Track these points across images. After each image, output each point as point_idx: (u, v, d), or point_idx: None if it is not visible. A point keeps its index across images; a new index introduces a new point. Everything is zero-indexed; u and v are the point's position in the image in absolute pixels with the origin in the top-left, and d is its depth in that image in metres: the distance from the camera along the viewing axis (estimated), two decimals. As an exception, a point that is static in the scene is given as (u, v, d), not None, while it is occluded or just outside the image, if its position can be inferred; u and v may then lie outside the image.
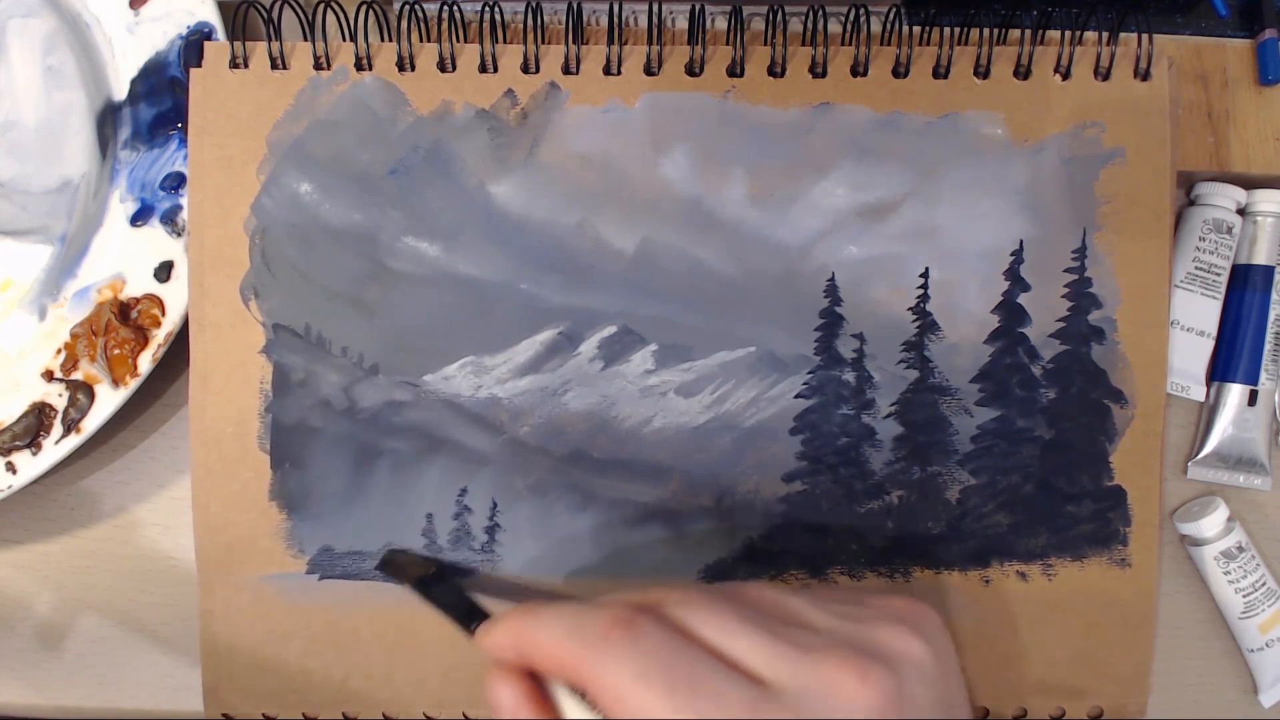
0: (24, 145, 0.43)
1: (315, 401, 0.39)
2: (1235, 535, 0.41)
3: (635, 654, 0.26)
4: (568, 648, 0.27)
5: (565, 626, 0.28)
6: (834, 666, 0.27)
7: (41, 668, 0.43)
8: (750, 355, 0.39)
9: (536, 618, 0.29)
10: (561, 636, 0.28)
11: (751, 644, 0.27)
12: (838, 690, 0.26)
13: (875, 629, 0.29)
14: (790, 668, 0.27)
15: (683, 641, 0.27)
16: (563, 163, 0.39)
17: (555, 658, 0.28)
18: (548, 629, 0.28)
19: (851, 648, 0.28)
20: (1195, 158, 0.43)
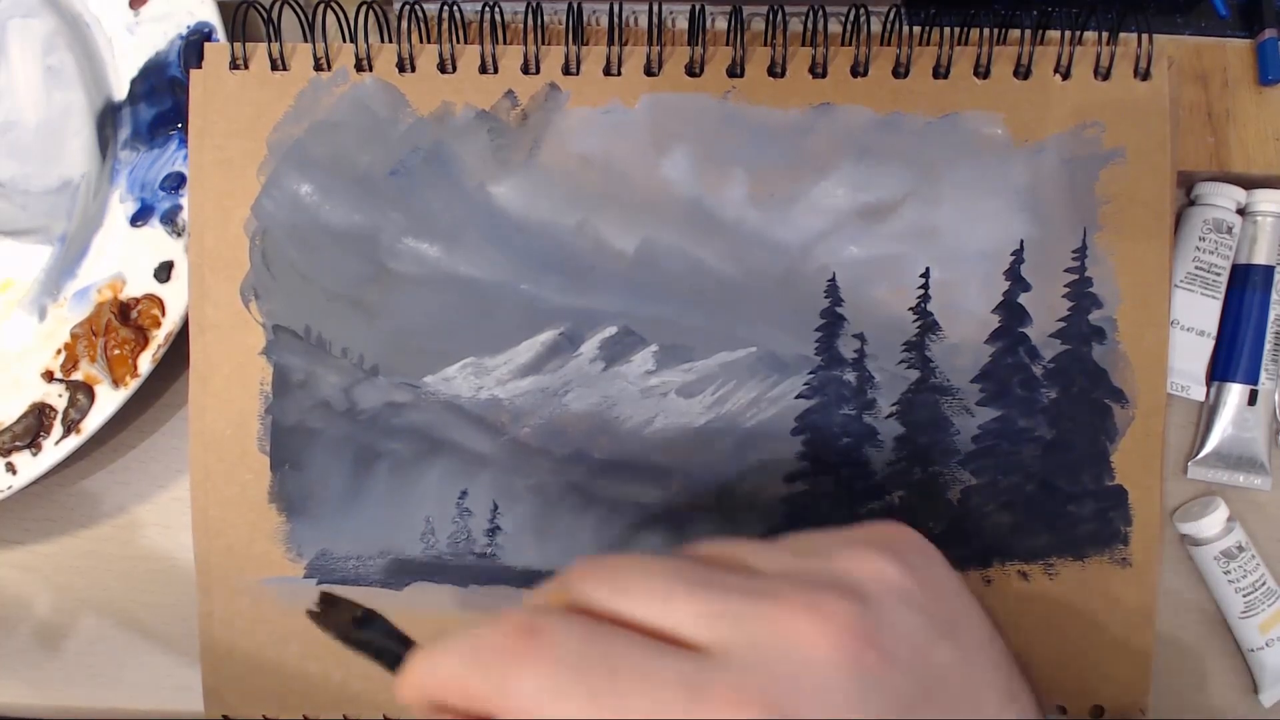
0: (24, 145, 0.43)
1: (315, 403, 0.39)
2: (1235, 535, 0.41)
3: (544, 665, 0.22)
4: (468, 679, 0.22)
5: (460, 655, 0.23)
6: (784, 609, 0.22)
7: (41, 668, 0.43)
8: (751, 356, 0.39)
9: (431, 656, 0.24)
10: (458, 668, 0.23)
11: (689, 605, 0.22)
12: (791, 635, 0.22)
13: (836, 559, 0.24)
14: (734, 623, 0.22)
15: (600, 633, 0.22)
16: (563, 163, 0.39)
17: (461, 694, 0.23)
18: (444, 664, 0.23)
19: (805, 584, 0.23)
20: (1195, 158, 0.43)
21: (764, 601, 0.22)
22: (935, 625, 0.23)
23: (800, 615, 0.22)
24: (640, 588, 0.23)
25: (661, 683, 0.21)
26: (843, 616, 0.22)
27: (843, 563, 0.24)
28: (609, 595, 0.23)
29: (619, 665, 0.21)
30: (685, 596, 0.23)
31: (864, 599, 0.23)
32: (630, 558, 0.24)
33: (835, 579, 0.23)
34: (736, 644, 0.22)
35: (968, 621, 0.25)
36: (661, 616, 0.23)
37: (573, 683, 0.21)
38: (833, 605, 0.22)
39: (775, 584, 0.23)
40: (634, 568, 0.24)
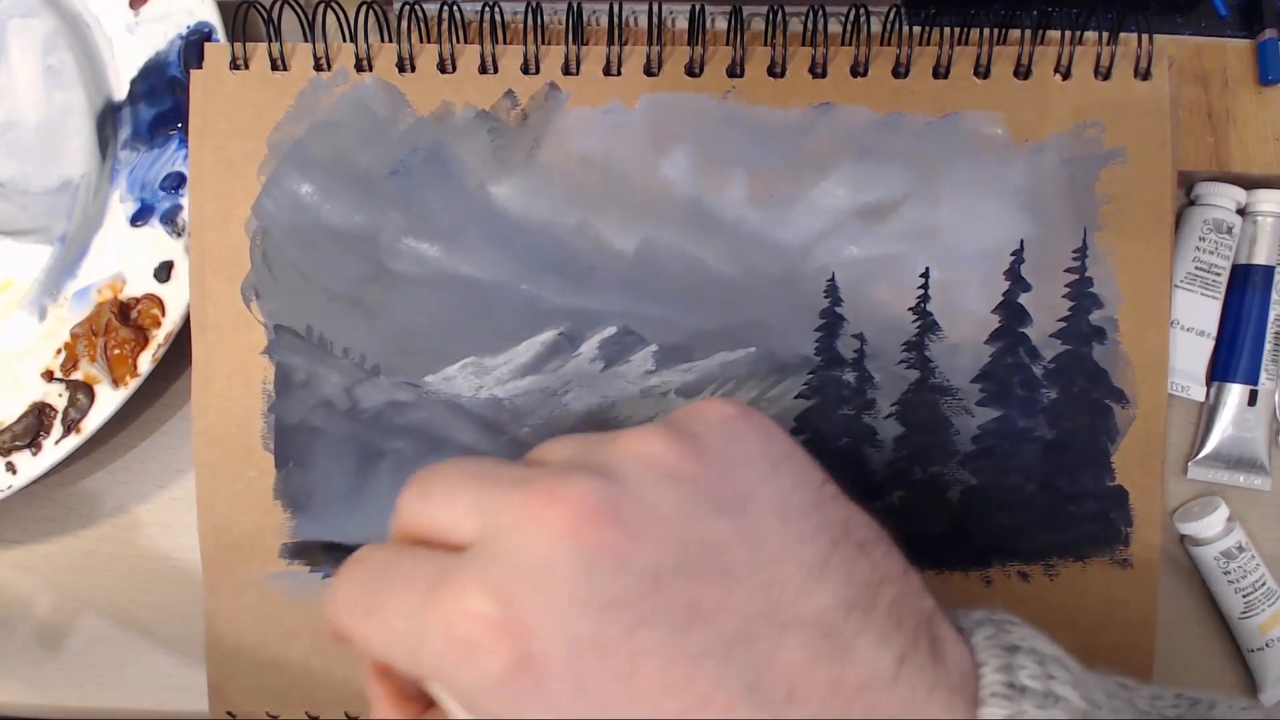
0: (24, 145, 0.43)
1: (317, 402, 0.39)
2: (1235, 535, 0.41)
3: (347, 585, 0.23)
4: (329, 613, 0.24)
5: (325, 593, 0.24)
6: (527, 496, 0.22)
7: (41, 668, 0.43)
8: (751, 356, 0.39)
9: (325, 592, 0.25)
10: (325, 604, 0.24)
11: (463, 502, 0.23)
12: (525, 522, 0.21)
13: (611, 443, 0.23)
14: (488, 515, 0.22)
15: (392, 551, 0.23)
16: (563, 164, 0.39)
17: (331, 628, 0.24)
18: (322, 603, 0.24)
19: (560, 470, 0.22)
20: (1195, 158, 0.43)
21: (517, 489, 0.22)
22: (708, 500, 0.22)
23: (541, 500, 0.21)
24: (437, 491, 0.24)
25: (414, 585, 0.22)
26: (579, 498, 0.21)
27: (616, 446, 0.23)
28: (417, 501, 0.24)
29: (394, 576, 0.22)
30: (466, 495, 0.23)
31: (613, 478, 0.22)
32: (446, 463, 0.24)
33: (593, 462, 0.23)
34: (488, 535, 0.22)
35: (770, 495, 0.23)
36: (446, 517, 0.23)
37: (363, 597, 0.23)
38: (571, 487, 0.21)
39: (538, 472, 0.23)
40: (437, 472, 0.24)
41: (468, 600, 0.20)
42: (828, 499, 0.24)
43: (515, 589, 0.20)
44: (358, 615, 0.23)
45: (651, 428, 0.23)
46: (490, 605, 0.20)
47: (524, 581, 0.21)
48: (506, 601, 0.20)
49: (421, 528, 0.24)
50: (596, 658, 0.20)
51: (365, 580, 0.23)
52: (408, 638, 0.21)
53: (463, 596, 0.21)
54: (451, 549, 0.23)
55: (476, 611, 0.20)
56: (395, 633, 0.22)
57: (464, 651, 0.20)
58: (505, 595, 0.20)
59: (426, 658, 0.21)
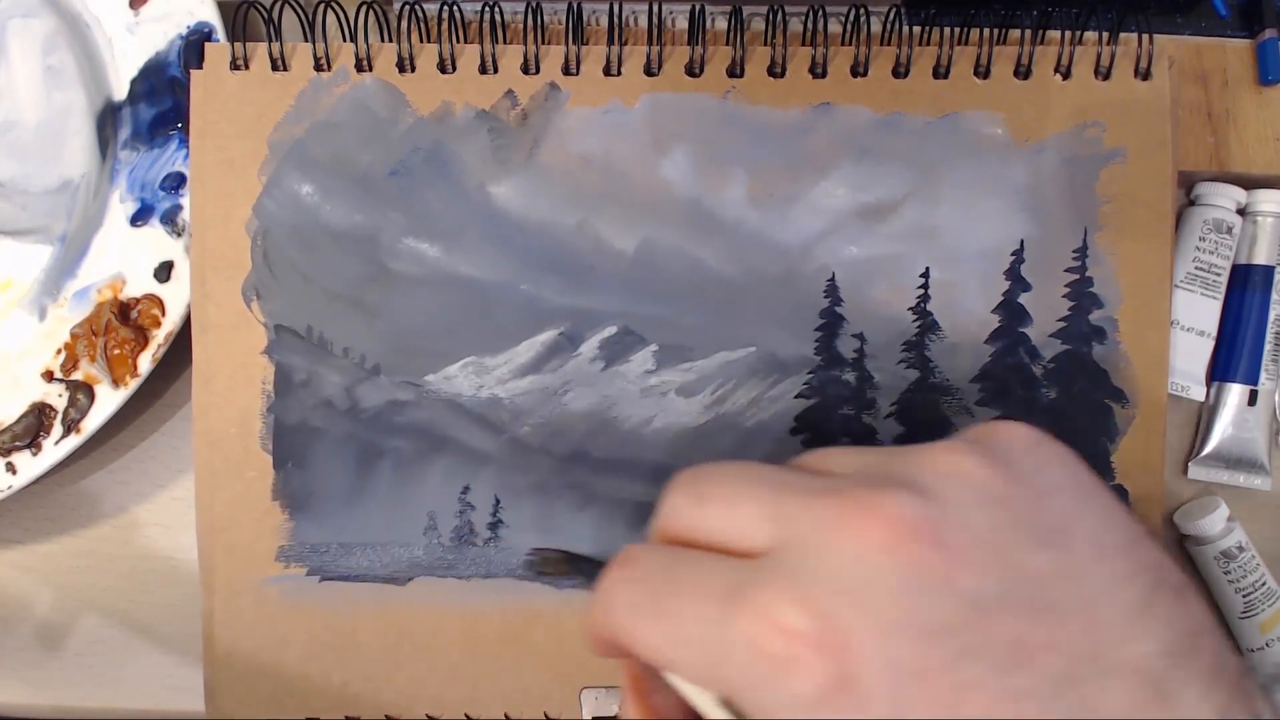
0: (24, 145, 0.43)
1: (317, 402, 0.39)
2: (1235, 535, 0.41)
3: (626, 587, 0.23)
4: (595, 615, 0.23)
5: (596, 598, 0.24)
6: (838, 506, 0.21)
7: (41, 668, 0.43)
8: (751, 355, 0.39)
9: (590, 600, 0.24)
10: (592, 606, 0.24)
11: (752, 508, 0.22)
12: (841, 533, 0.20)
13: (917, 458, 0.22)
14: (788, 524, 0.21)
15: (673, 553, 0.23)
16: (563, 164, 0.39)
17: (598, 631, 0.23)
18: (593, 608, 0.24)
19: (869, 482, 0.21)
20: (1195, 158, 0.43)
21: (819, 499, 0.21)
22: (1027, 528, 0.21)
23: (852, 513, 0.20)
24: (715, 494, 0.23)
25: (710, 590, 0.21)
26: (901, 514, 0.20)
27: (922, 460, 0.22)
28: (691, 504, 0.23)
29: (682, 577, 0.22)
30: (752, 500, 0.22)
31: (932, 496, 0.21)
32: (717, 466, 0.24)
33: (906, 477, 0.21)
34: (788, 545, 0.21)
35: (1086, 529, 0.21)
36: (730, 521, 0.22)
37: (644, 601, 0.22)
38: (890, 502, 0.20)
39: (839, 482, 0.22)
40: (713, 475, 0.23)
41: (781, 613, 0.19)
42: (1140, 538, 0.22)
43: (833, 604, 0.19)
44: (641, 618, 0.22)
45: (959, 444, 0.22)
46: (806, 620, 0.19)
47: (842, 597, 0.19)
48: (824, 617, 0.19)
49: (696, 532, 0.23)
50: (918, 686, 0.19)
51: (646, 583, 0.22)
52: (706, 646, 0.21)
53: (774, 609, 0.20)
54: (736, 554, 0.22)
55: (791, 626, 0.19)
56: (690, 640, 0.21)
57: (776, 667, 0.19)
58: (822, 610, 0.19)
59: (729, 669, 0.20)
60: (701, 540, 0.23)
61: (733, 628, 0.20)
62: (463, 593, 0.39)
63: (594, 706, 0.26)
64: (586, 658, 0.39)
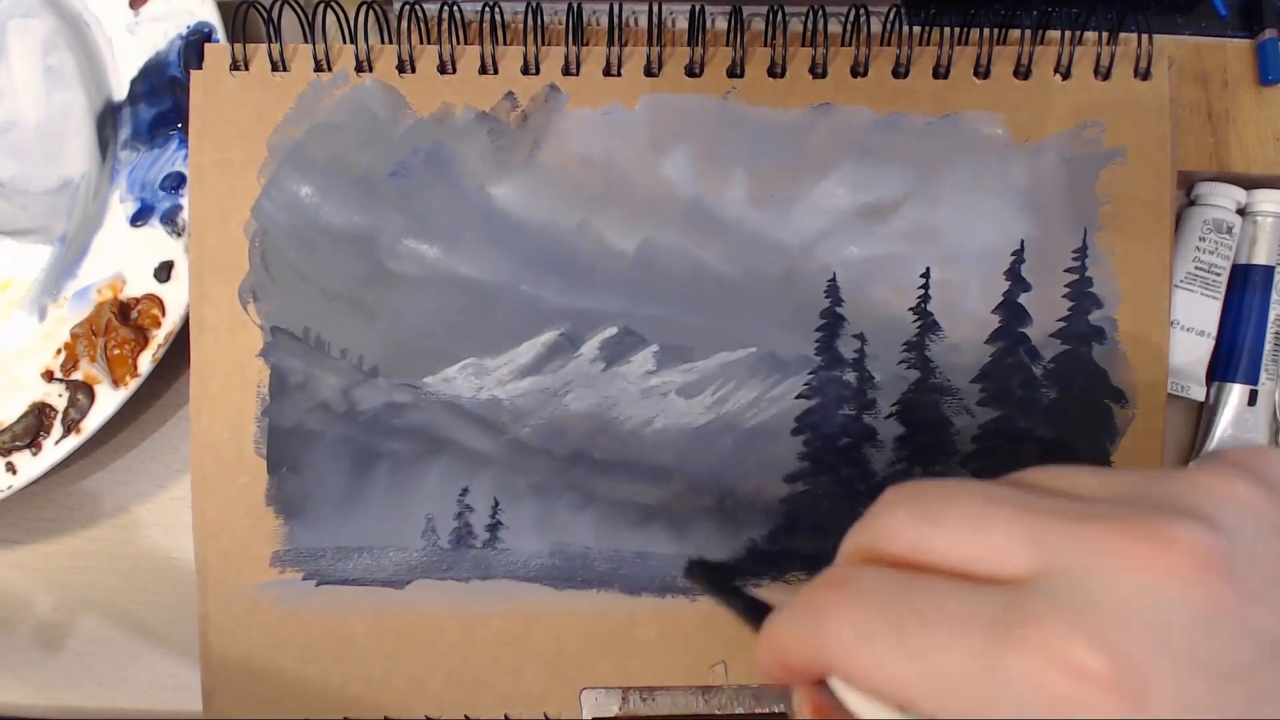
0: (24, 145, 0.43)
1: (314, 405, 0.39)
2: (1235, 535, 0.41)
3: (854, 610, 0.21)
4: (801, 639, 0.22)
5: (790, 614, 0.22)
6: (1118, 534, 0.19)
7: (41, 668, 0.43)
8: (751, 356, 0.39)
9: (770, 620, 0.23)
10: (793, 629, 0.22)
11: (1005, 532, 0.20)
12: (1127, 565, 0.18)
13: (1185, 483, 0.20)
14: (1056, 550, 0.19)
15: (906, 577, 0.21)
16: (563, 164, 0.39)
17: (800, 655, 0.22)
18: (779, 625, 0.23)
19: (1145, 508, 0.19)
20: (1195, 158, 0.43)
21: (1092, 525, 0.19)
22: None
23: (1138, 541, 0.19)
24: (952, 515, 0.21)
25: (968, 619, 0.19)
26: (1192, 544, 0.18)
27: (1193, 486, 0.20)
28: (919, 524, 0.21)
29: (925, 604, 0.20)
30: (1001, 522, 0.20)
31: (1218, 526, 0.19)
32: (941, 483, 0.22)
33: (1182, 503, 0.20)
34: (1058, 573, 0.19)
35: None
36: (974, 545, 0.20)
37: (879, 627, 0.20)
38: (1180, 531, 0.18)
39: (1108, 507, 0.20)
40: (946, 494, 0.22)
41: (1069, 650, 0.18)
42: None
43: (1126, 641, 0.18)
44: (876, 647, 0.20)
45: (1228, 469, 0.21)
46: (1099, 658, 0.18)
47: (1136, 633, 0.18)
48: (1118, 655, 0.18)
49: (925, 554, 0.21)
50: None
51: (879, 608, 0.20)
52: (967, 683, 0.19)
53: (1060, 644, 0.18)
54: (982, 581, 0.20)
55: (1081, 664, 0.18)
56: (944, 675, 0.19)
57: (1063, 708, 0.18)
58: (1115, 648, 0.18)
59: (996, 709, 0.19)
60: (931, 564, 0.21)
61: (1005, 664, 0.18)
62: (462, 595, 0.39)
63: (594, 707, 0.26)
64: (586, 659, 0.39)
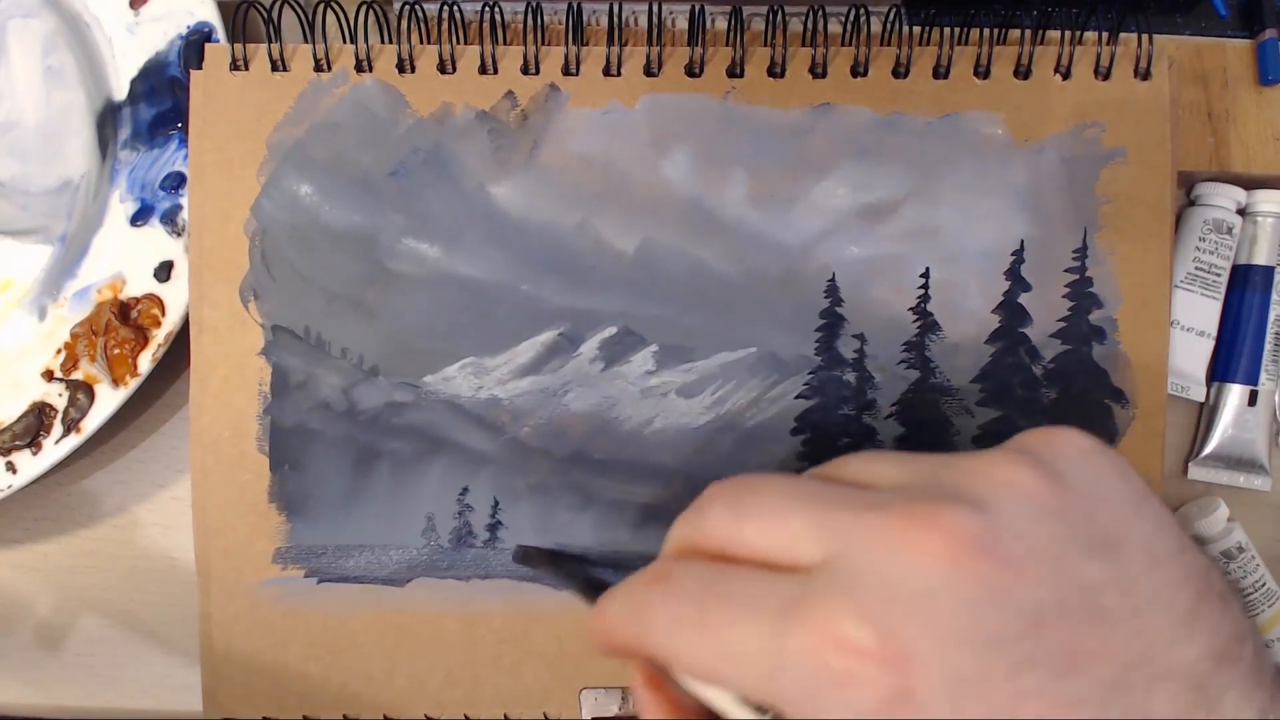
0: (24, 145, 0.43)
1: (314, 404, 0.39)
2: (1235, 536, 0.41)
3: (668, 605, 0.22)
4: (625, 627, 0.24)
5: (615, 601, 0.24)
6: (892, 521, 0.21)
7: (41, 668, 0.43)
8: (751, 356, 0.39)
9: (601, 606, 0.25)
10: (618, 618, 0.24)
11: (799, 521, 0.22)
12: (898, 548, 0.20)
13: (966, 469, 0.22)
14: (840, 538, 0.21)
15: (715, 568, 0.23)
16: (563, 164, 0.39)
17: (625, 641, 0.24)
18: (610, 616, 0.24)
19: (921, 495, 0.21)
20: (1195, 158, 0.43)
21: (874, 514, 0.21)
22: (1081, 539, 0.21)
23: (909, 527, 0.20)
24: (758, 509, 0.23)
25: (761, 605, 0.21)
26: (957, 527, 0.20)
27: (973, 472, 0.22)
28: (730, 518, 0.23)
29: (728, 593, 0.22)
30: (798, 514, 0.22)
31: (987, 509, 0.21)
32: (752, 479, 0.24)
33: (956, 489, 0.21)
34: (843, 559, 0.21)
35: (1138, 538, 0.22)
36: (776, 536, 0.22)
37: (689, 616, 0.22)
38: (947, 516, 0.20)
39: (891, 496, 0.22)
40: (754, 489, 0.23)
41: (841, 628, 0.20)
42: (1188, 546, 0.23)
43: (893, 618, 0.20)
44: (685, 634, 0.22)
45: (1010, 455, 0.22)
46: (867, 634, 0.19)
47: (903, 610, 0.20)
48: (885, 631, 0.19)
49: (736, 546, 0.23)
50: (978, 696, 0.19)
51: (690, 598, 0.22)
52: (759, 661, 0.21)
53: (834, 623, 0.20)
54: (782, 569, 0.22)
55: (852, 640, 0.19)
56: (741, 655, 0.21)
57: (837, 681, 0.19)
58: (883, 624, 0.20)
59: (784, 684, 0.20)
60: (741, 555, 0.23)
61: (789, 642, 0.20)
62: (462, 594, 0.39)
63: (593, 707, 0.26)
64: (586, 658, 0.39)
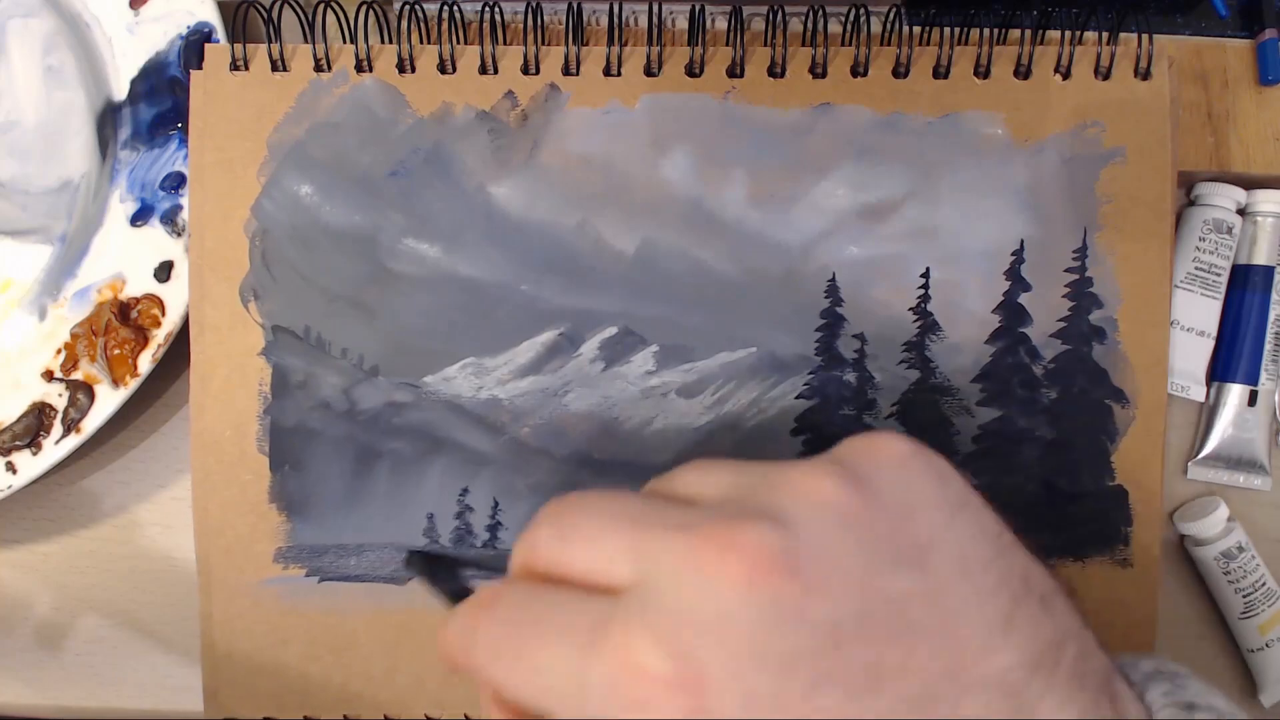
0: (24, 145, 0.43)
1: (315, 403, 0.39)
2: (1235, 535, 0.41)
3: (492, 629, 0.22)
4: (458, 651, 0.23)
5: (452, 632, 0.24)
6: (695, 542, 0.20)
7: (41, 668, 0.43)
8: (751, 356, 0.39)
9: (443, 628, 0.24)
10: (452, 643, 0.23)
11: (615, 544, 0.22)
12: (696, 569, 0.20)
13: (777, 483, 0.22)
14: (649, 560, 0.21)
15: (536, 592, 0.22)
16: (563, 164, 0.39)
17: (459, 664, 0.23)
18: (448, 639, 0.24)
19: (727, 514, 0.21)
20: (1195, 158, 0.43)
21: (680, 535, 0.21)
22: (889, 550, 0.21)
23: (707, 548, 0.20)
24: (578, 529, 0.22)
25: (570, 631, 0.21)
26: (753, 546, 0.20)
27: (781, 486, 0.22)
28: (554, 539, 0.23)
29: (542, 618, 0.21)
30: (613, 536, 0.22)
31: (788, 524, 0.20)
32: (581, 496, 0.23)
33: (762, 505, 0.21)
34: (648, 582, 0.20)
35: (949, 546, 0.21)
36: (593, 557, 0.22)
37: (508, 643, 0.22)
38: (744, 536, 0.20)
39: (700, 515, 0.21)
40: (577, 508, 0.23)
41: (638, 653, 0.19)
42: (1007, 549, 0.23)
43: (689, 642, 0.19)
44: (503, 660, 0.22)
45: (821, 466, 0.22)
46: (662, 659, 0.19)
47: (698, 634, 0.19)
48: (680, 655, 0.19)
49: (559, 567, 0.23)
50: (774, 716, 0.19)
51: (507, 622, 0.22)
52: (568, 690, 0.20)
53: (632, 649, 0.20)
54: (598, 591, 0.21)
55: (647, 666, 0.19)
56: (552, 682, 0.21)
57: (635, 708, 0.19)
58: (678, 648, 0.19)
59: (592, 711, 0.20)
60: (564, 576, 0.22)
61: (592, 670, 0.20)
62: (463, 593, 0.39)
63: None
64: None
